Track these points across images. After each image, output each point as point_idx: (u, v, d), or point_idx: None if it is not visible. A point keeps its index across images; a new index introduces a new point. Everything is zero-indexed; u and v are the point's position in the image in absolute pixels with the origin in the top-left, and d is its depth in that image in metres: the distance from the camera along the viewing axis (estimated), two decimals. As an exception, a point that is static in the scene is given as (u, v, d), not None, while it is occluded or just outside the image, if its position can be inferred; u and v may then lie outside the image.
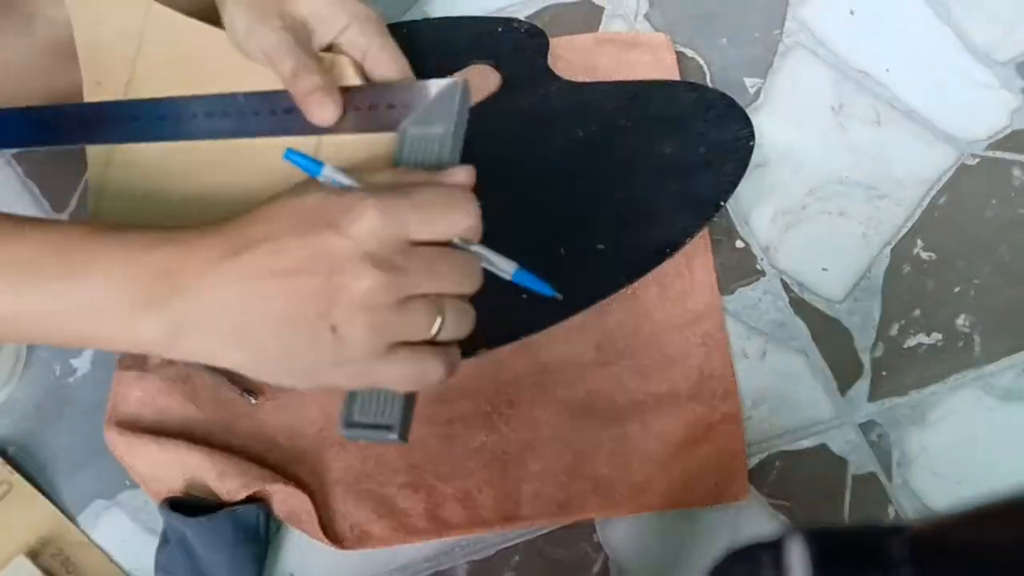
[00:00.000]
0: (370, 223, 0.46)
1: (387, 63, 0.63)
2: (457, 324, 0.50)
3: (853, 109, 0.88)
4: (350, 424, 0.54)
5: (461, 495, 0.70)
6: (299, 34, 0.61)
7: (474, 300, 0.65)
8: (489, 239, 0.76)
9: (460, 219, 0.50)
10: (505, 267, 0.54)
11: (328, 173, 0.51)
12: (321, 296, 0.46)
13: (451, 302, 0.50)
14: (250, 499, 0.70)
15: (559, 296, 0.57)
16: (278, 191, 0.50)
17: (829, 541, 0.36)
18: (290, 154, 0.52)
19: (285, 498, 0.69)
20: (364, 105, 0.61)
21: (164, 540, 0.70)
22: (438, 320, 0.49)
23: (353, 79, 0.62)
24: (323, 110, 0.58)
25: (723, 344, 0.76)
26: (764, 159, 0.85)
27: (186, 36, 0.65)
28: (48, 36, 0.78)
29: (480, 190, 0.78)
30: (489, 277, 0.62)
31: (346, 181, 0.51)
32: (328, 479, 0.71)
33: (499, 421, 0.73)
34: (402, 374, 0.49)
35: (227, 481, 0.69)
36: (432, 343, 0.50)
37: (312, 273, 0.46)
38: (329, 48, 0.64)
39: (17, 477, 0.72)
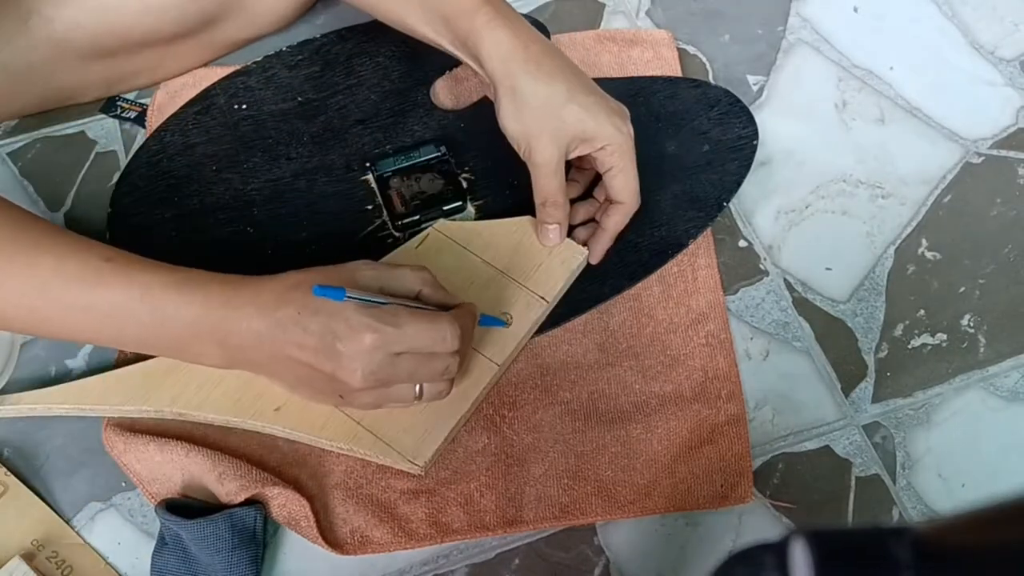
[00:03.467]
0: (367, 349, 0.60)
1: (621, 187, 0.72)
2: (435, 392, 0.65)
3: (857, 107, 0.87)
4: None
5: (463, 499, 0.70)
6: (566, 149, 0.71)
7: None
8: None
9: (440, 349, 0.63)
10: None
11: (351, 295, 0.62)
12: (329, 384, 0.63)
13: (428, 383, 0.65)
14: (248, 501, 0.69)
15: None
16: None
17: (832, 543, 0.35)
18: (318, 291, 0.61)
19: (284, 502, 0.69)
20: None
21: (161, 542, 0.69)
22: (416, 391, 0.64)
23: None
24: (552, 238, 0.74)
25: (727, 344, 0.75)
26: (767, 157, 0.84)
27: None
28: (46, 36, 0.78)
29: (481, 190, 0.79)
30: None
31: (370, 298, 0.62)
32: (328, 483, 0.71)
33: (501, 423, 0.72)
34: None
35: (227, 483, 0.68)
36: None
37: (322, 366, 0.61)
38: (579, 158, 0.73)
39: (13, 479, 0.72)
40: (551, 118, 0.69)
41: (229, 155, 0.81)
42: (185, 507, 0.69)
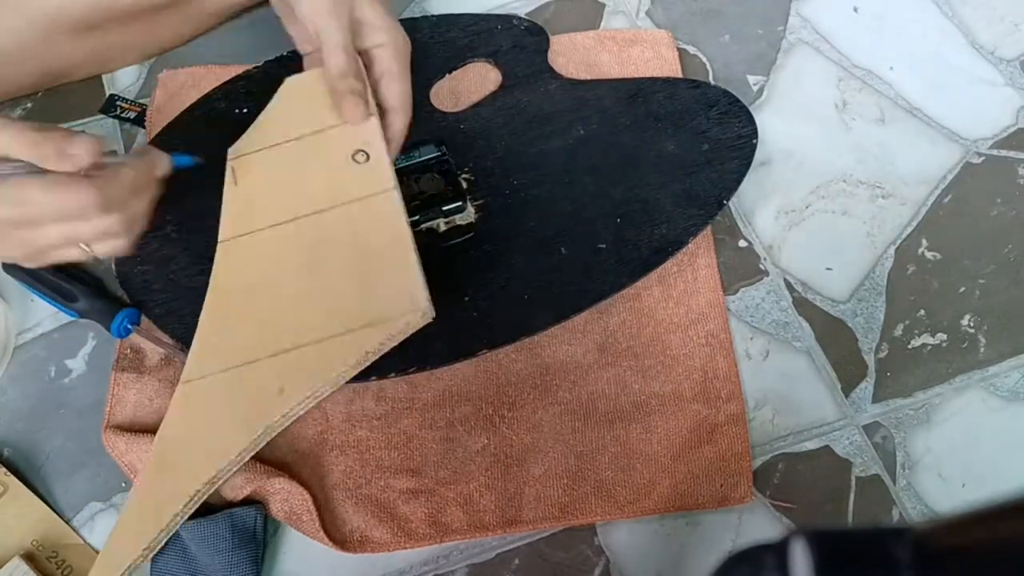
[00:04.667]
0: None
1: (395, 93, 0.71)
2: (107, 249, 0.63)
3: (857, 107, 0.87)
4: None
5: (462, 499, 0.70)
6: (352, 32, 0.69)
7: (476, 301, 0.65)
8: (489, 238, 0.76)
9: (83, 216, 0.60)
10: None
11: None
12: None
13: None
14: (248, 501, 0.69)
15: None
16: None
17: (833, 543, 0.35)
18: None
19: (286, 497, 0.69)
20: None
21: (161, 543, 0.69)
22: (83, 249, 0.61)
23: None
24: (356, 110, 0.68)
25: (727, 344, 0.75)
26: (767, 157, 0.84)
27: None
28: (39, 14, 0.78)
29: (481, 190, 0.78)
30: (490, 284, 0.64)
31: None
32: (327, 483, 0.71)
33: (500, 423, 0.72)
34: None
35: (232, 477, 0.68)
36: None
37: None
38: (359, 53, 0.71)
39: (13, 479, 0.72)
40: (343, 3, 0.68)
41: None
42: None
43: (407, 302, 0.63)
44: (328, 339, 0.64)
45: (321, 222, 0.68)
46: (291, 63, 0.86)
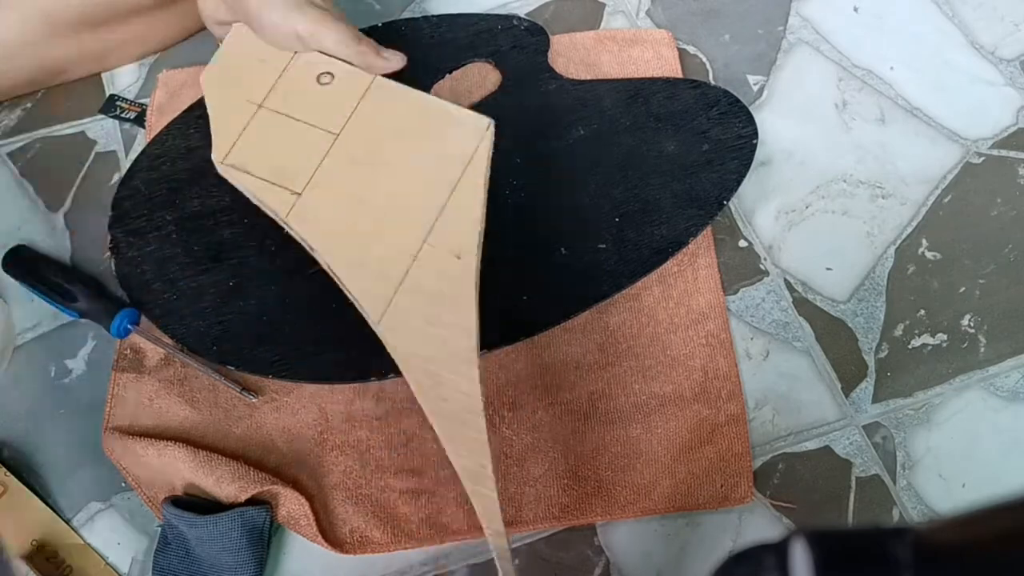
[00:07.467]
0: None
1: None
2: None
3: (857, 107, 0.87)
4: None
5: (462, 499, 0.70)
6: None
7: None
8: (489, 239, 0.76)
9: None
10: None
11: None
12: None
13: None
14: (255, 500, 0.69)
15: None
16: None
17: (833, 544, 0.35)
18: None
19: (283, 502, 0.69)
20: None
21: (164, 542, 0.69)
22: None
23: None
24: (392, 61, 0.73)
25: (727, 344, 0.75)
26: (767, 157, 0.84)
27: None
28: (36, 11, 0.78)
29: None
30: (490, 284, 0.65)
31: None
32: (327, 483, 0.71)
33: (501, 424, 0.72)
34: None
35: (224, 486, 0.68)
36: None
37: None
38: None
39: (13, 479, 0.72)
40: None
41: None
42: (191, 504, 0.69)
43: (473, 126, 0.69)
44: (448, 199, 0.67)
45: (348, 138, 0.69)
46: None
